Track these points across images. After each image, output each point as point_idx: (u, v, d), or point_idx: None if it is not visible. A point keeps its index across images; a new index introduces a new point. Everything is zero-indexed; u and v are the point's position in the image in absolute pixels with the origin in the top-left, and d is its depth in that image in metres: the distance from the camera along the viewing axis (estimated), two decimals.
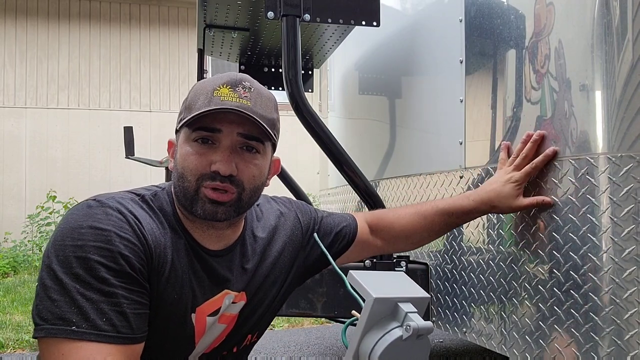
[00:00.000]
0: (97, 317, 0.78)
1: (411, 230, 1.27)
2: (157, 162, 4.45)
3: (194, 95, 0.94)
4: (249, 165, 0.93)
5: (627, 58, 1.12)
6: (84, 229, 0.82)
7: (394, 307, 0.72)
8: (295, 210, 1.19)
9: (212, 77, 0.96)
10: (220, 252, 0.99)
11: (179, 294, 0.91)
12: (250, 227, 1.07)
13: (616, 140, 1.11)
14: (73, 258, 0.80)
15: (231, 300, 1.00)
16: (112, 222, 0.84)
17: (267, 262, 1.07)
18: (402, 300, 0.73)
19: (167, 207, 0.96)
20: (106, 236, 0.82)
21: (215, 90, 0.91)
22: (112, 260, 0.81)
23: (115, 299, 0.80)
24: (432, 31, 1.82)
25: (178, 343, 0.94)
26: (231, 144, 0.91)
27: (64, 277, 0.79)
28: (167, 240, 0.91)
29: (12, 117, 7.37)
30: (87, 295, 0.78)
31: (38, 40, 7.52)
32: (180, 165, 0.92)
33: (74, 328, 0.76)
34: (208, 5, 1.99)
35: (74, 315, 0.77)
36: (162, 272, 0.89)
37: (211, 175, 0.90)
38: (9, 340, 3.34)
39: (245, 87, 0.92)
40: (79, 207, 0.87)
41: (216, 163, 0.89)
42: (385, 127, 2.21)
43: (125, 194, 0.94)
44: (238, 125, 0.91)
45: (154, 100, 7.87)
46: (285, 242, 1.12)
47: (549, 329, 1.21)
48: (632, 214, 1.07)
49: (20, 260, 6.26)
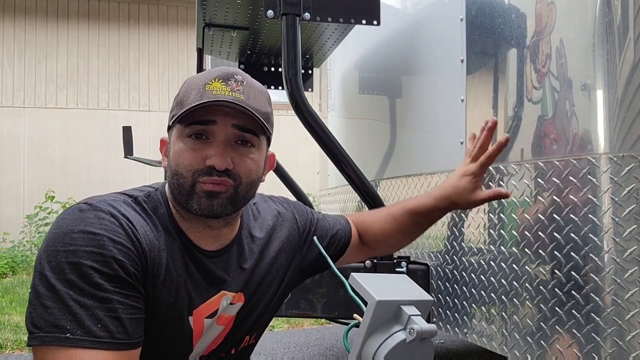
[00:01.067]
0: (92, 323, 0.76)
1: (387, 233, 1.24)
2: (156, 162, 4.43)
3: (185, 91, 0.92)
4: (245, 159, 0.91)
5: (628, 57, 1.11)
6: (76, 233, 0.80)
7: (396, 310, 0.71)
8: (293, 210, 1.18)
9: (204, 72, 0.94)
10: (216, 252, 0.97)
11: (174, 297, 0.90)
12: (247, 227, 1.06)
13: (618, 140, 1.10)
14: (65, 264, 0.78)
15: (229, 302, 0.98)
16: (104, 226, 0.82)
17: (265, 262, 1.06)
18: (405, 303, 0.72)
19: (161, 208, 0.94)
20: (99, 240, 0.80)
21: (207, 85, 0.89)
22: (105, 265, 0.79)
23: (110, 304, 0.78)
24: (432, 30, 1.82)
25: (176, 346, 0.94)
26: (226, 137, 0.89)
27: (56, 284, 0.77)
28: (161, 242, 0.90)
29: (11, 116, 7.36)
30: (81, 301, 0.76)
31: (36, 40, 7.51)
32: (174, 163, 0.91)
33: (69, 335, 0.74)
34: (207, 4, 1.98)
35: (68, 322, 0.75)
36: (158, 275, 0.88)
37: (207, 170, 0.88)
38: (7, 341, 3.33)
39: (237, 80, 0.91)
40: (70, 211, 0.85)
41: (211, 157, 0.87)
42: (385, 126, 2.20)
43: (118, 195, 0.92)
44: (232, 118, 0.89)
45: (152, 100, 7.86)
46: (283, 242, 1.11)
47: (551, 330, 1.21)
48: (633, 214, 1.06)
49: (18, 261, 6.25)
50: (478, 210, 1.50)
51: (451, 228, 1.64)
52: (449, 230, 1.64)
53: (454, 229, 1.62)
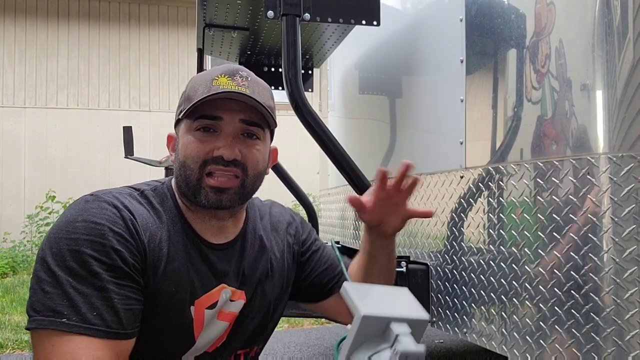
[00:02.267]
0: (88, 311, 0.78)
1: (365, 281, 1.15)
2: (157, 162, 4.44)
3: (192, 87, 0.95)
4: (252, 150, 0.94)
5: (628, 57, 1.11)
6: (79, 222, 0.83)
7: (385, 327, 0.67)
8: (300, 223, 1.19)
9: (209, 70, 0.98)
10: (220, 245, 0.99)
11: (176, 286, 0.91)
12: (254, 225, 1.07)
13: (617, 140, 1.11)
14: (67, 251, 0.81)
15: (228, 296, 0.99)
16: (106, 217, 0.85)
17: (266, 263, 1.07)
18: (396, 319, 0.66)
19: (168, 201, 0.96)
20: (99, 230, 0.83)
21: (214, 80, 0.92)
22: (104, 254, 0.82)
23: (106, 293, 0.80)
24: (432, 30, 1.82)
25: (177, 336, 0.95)
26: (233, 130, 0.92)
27: (57, 270, 0.80)
28: (163, 233, 0.92)
29: (11, 116, 7.36)
30: (80, 288, 0.79)
31: (37, 40, 7.51)
32: (182, 155, 0.93)
33: (65, 320, 0.77)
34: (208, 5, 1.99)
35: (66, 308, 0.78)
36: (158, 265, 0.89)
37: (214, 159, 0.91)
38: (8, 341, 3.33)
39: (242, 76, 0.94)
40: (76, 202, 0.88)
41: (220, 148, 0.90)
42: (385, 127, 2.21)
43: (125, 189, 0.95)
44: (239, 112, 0.93)
45: (153, 100, 7.86)
46: (284, 250, 1.12)
47: (550, 330, 1.21)
48: (633, 214, 1.07)
49: (19, 261, 6.25)
50: (478, 210, 1.50)
51: (451, 228, 1.64)
52: (449, 230, 1.65)
53: (454, 229, 1.62)
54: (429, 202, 1.77)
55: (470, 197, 1.54)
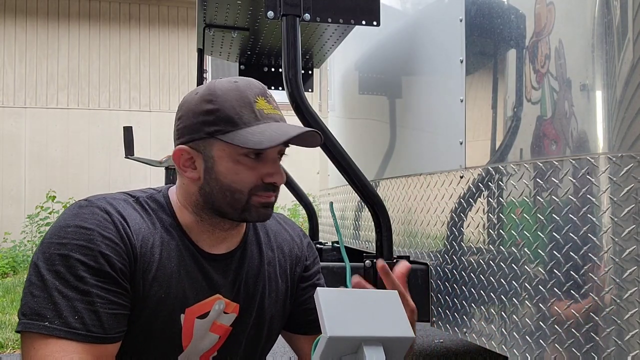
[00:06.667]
0: (70, 314, 0.80)
1: None
2: (157, 162, 4.44)
3: (230, 107, 0.91)
4: (282, 169, 0.99)
5: (627, 58, 1.12)
6: (70, 227, 0.85)
7: (358, 347, 0.59)
8: (307, 246, 1.16)
9: (236, 85, 0.93)
10: (218, 256, 0.98)
11: (166, 293, 0.91)
12: (257, 237, 1.07)
13: (616, 140, 1.11)
14: (56, 255, 0.82)
15: (222, 307, 0.98)
16: (96, 222, 0.86)
17: (266, 277, 1.05)
18: (369, 340, 0.58)
19: (163, 209, 0.96)
20: (89, 235, 0.84)
21: (255, 103, 0.92)
22: (92, 259, 0.83)
23: (90, 297, 0.81)
24: (432, 31, 1.82)
25: (164, 342, 0.94)
26: (276, 154, 0.96)
27: (45, 274, 0.81)
28: (156, 239, 0.92)
29: (12, 117, 7.37)
30: (64, 292, 0.80)
31: (37, 40, 7.52)
32: (227, 180, 0.92)
33: (47, 324, 0.79)
34: (208, 5, 1.99)
35: (49, 312, 0.79)
36: (149, 270, 0.90)
37: (264, 186, 0.93)
38: (8, 341, 3.33)
39: (267, 93, 0.96)
40: (70, 207, 0.90)
41: (273, 175, 0.93)
42: (385, 127, 2.21)
43: (119, 194, 0.95)
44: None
45: (153, 100, 7.86)
46: (286, 269, 1.09)
47: (550, 329, 1.21)
48: (632, 214, 1.07)
49: (19, 261, 6.26)
50: (477, 210, 1.50)
51: (451, 228, 1.64)
52: (449, 230, 1.65)
53: (454, 229, 1.62)
54: (429, 202, 1.77)
55: (470, 197, 1.54)
